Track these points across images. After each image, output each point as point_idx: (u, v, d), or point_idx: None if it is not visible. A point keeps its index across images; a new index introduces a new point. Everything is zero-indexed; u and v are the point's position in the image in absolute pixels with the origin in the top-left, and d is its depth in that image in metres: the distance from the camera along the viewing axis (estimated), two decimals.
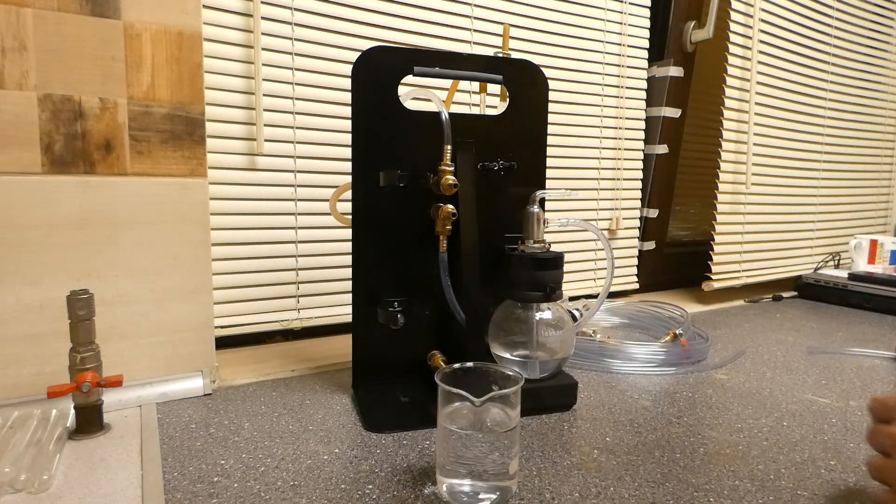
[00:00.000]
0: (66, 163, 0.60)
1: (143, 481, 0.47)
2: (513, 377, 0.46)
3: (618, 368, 0.78)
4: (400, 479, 0.48)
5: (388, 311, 0.65)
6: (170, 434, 0.56)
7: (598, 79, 1.16)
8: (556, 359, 0.65)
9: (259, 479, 0.48)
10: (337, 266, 0.91)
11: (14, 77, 0.57)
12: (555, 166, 1.12)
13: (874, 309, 1.19)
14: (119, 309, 0.64)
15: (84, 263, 0.62)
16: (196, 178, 0.67)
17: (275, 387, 0.70)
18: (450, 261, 0.63)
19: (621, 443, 0.56)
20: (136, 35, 0.62)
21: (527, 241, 0.65)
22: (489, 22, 1.00)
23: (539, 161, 0.72)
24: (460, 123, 0.63)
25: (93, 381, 0.54)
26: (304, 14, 0.85)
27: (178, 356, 0.68)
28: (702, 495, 0.47)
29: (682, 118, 1.27)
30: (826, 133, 1.47)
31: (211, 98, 0.79)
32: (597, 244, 1.19)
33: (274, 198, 0.86)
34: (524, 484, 0.48)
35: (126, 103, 0.63)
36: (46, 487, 0.45)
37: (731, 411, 0.65)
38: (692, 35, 1.21)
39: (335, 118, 0.89)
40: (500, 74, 0.68)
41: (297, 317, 0.89)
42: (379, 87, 0.64)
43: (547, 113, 0.72)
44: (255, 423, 0.59)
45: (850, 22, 1.46)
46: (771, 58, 1.28)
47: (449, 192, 0.61)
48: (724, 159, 1.22)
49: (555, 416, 0.62)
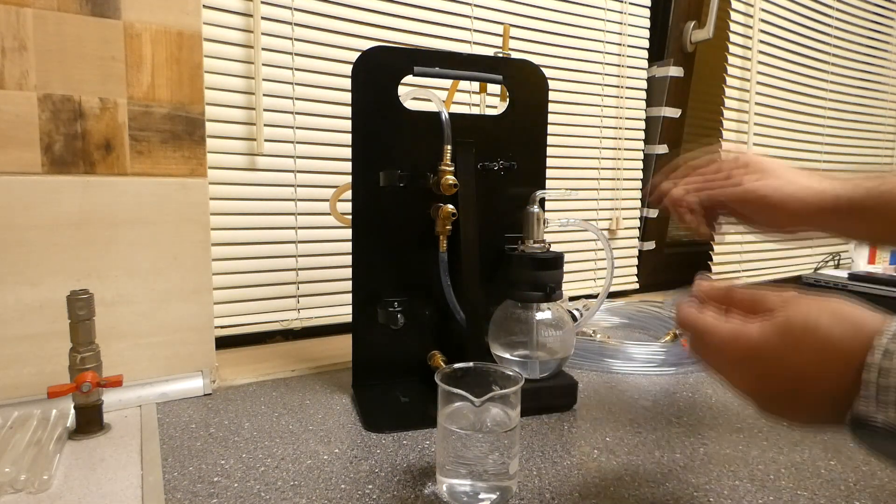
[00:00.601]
0: (66, 163, 0.60)
1: (143, 481, 0.47)
2: (513, 377, 0.46)
3: (618, 368, 0.78)
4: (400, 479, 0.48)
5: (388, 311, 0.65)
6: (170, 434, 0.56)
7: (598, 79, 1.16)
8: (556, 359, 0.65)
9: (259, 479, 0.48)
10: (337, 266, 0.91)
11: (14, 77, 0.57)
12: (555, 166, 1.12)
13: None
14: (119, 309, 0.64)
15: (84, 263, 0.62)
16: (196, 178, 0.67)
17: (275, 387, 0.70)
18: (450, 261, 0.63)
19: (621, 443, 0.56)
20: (136, 35, 0.62)
21: (527, 241, 0.65)
22: (489, 22, 1.00)
23: (539, 161, 0.72)
24: (460, 123, 0.63)
25: (93, 381, 0.54)
26: (304, 14, 0.85)
27: (178, 356, 0.68)
28: (702, 495, 0.47)
29: (682, 118, 1.27)
30: (826, 133, 1.47)
31: (211, 98, 0.79)
32: (597, 244, 1.19)
33: (274, 198, 0.86)
34: (524, 484, 0.48)
35: (126, 103, 0.63)
36: (46, 487, 0.45)
37: (731, 411, 0.65)
38: (692, 35, 1.21)
39: (335, 118, 0.89)
40: (500, 74, 0.68)
41: (297, 317, 0.89)
42: (379, 87, 0.64)
43: (547, 113, 0.72)
44: (255, 423, 0.59)
45: (850, 22, 1.46)
46: (771, 58, 1.28)
47: (449, 192, 0.61)
48: None
49: (555, 416, 0.62)
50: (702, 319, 0.38)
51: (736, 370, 0.37)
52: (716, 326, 0.37)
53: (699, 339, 0.38)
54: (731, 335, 0.36)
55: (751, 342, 0.35)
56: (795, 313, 0.34)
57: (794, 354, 0.33)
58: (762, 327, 0.35)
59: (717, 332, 0.36)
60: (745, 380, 0.36)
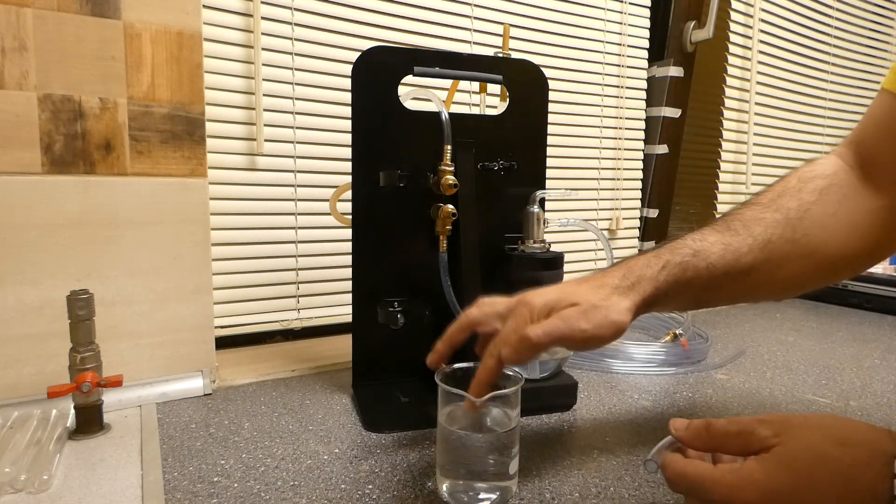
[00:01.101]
0: (66, 163, 0.60)
1: (143, 481, 0.47)
2: (513, 377, 0.46)
3: (618, 368, 0.78)
4: (400, 479, 0.48)
5: (388, 311, 0.65)
6: (170, 434, 0.56)
7: (598, 79, 1.16)
8: (556, 359, 0.64)
9: (259, 479, 0.48)
10: (337, 266, 0.91)
11: (14, 77, 0.57)
12: (555, 166, 1.12)
13: (874, 309, 1.19)
14: (119, 309, 0.64)
15: (84, 263, 0.62)
16: (196, 178, 0.67)
17: (275, 387, 0.70)
18: (450, 261, 0.63)
19: (621, 443, 0.56)
20: (136, 35, 0.62)
21: (527, 241, 0.65)
22: (489, 22, 1.00)
23: (539, 161, 0.72)
24: (460, 123, 0.63)
25: (93, 381, 0.54)
26: (304, 14, 0.85)
27: (178, 356, 0.68)
28: None
29: (682, 118, 1.27)
30: (826, 133, 1.47)
31: (211, 98, 0.79)
32: (597, 244, 1.19)
33: (274, 198, 0.86)
34: (524, 484, 0.48)
35: (126, 103, 0.63)
36: (46, 487, 0.45)
37: (731, 411, 0.65)
38: (692, 35, 1.21)
39: (335, 118, 0.89)
40: (500, 74, 0.68)
41: (297, 317, 0.89)
42: (379, 87, 0.64)
43: (547, 113, 0.72)
44: (255, 423, 0.59)
45: (850, 22, 1.46)
46: (771, 58, 1.28)
47: (449, 192, 0.61)
48: (724, 159, 1.22)
49: (555, 416, 0.62)
50: (695, 471, 0.34)
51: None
52: (714, 476, 0.33)
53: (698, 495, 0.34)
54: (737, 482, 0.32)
55: (759, 486, 0.31)
56: (796, 444, 0.31)
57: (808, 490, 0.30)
58: (765, 466, 0.31)
59: (718, 482, 0.32)
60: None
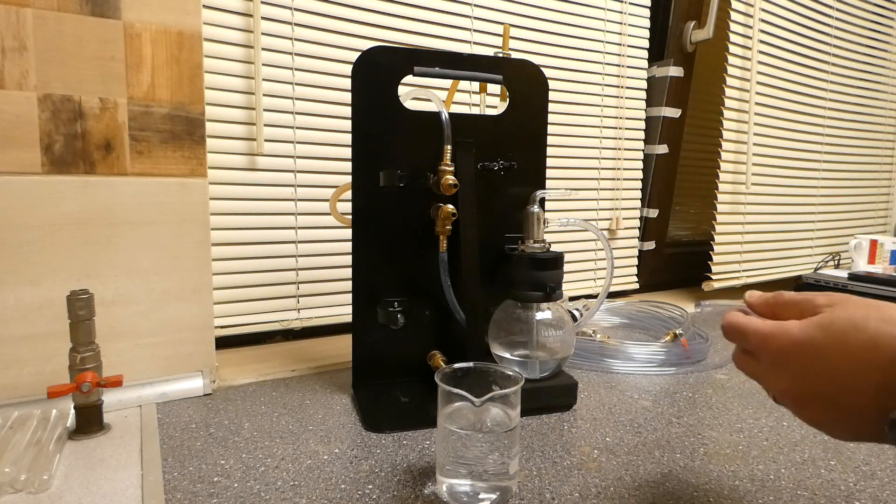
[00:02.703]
0: (66, 163, 0.60)
1: (143, 481, 0.47)
2: (513, 377, 0.46)
3: (618, 368, 0.78)
4: (400, 479, 0.48)
5: (388, 311, 0.65)
6: (170, 434, 0.56)
7: (598, 79, 1.16)
8: (556, 359, 0.65)
9: (259, 479, 0.48)
10: (337, 266, 0.91)
11: (14, 77, 0.57)
12: (555, 166, 1.12)
13: None
14: (119, 309, 0.64)
15: (84, 263, 0.62)
16: (196, 178, 0.67)
17: (275, 387, 0.70)
18: (450, 261, 0.63)
19: (621, 443, 0.56)
20: (136, 35, 0.62)
21: (527, 241, 0.65)
22: (489, 22, 1.00)
23: (539, 161, 0.72)
24: (460, 123, 0.63)
25: (93, 381, 0.54)
26: (304, 14, 0.85)
27: (178, 356, 0.68)
28: (702, 495, 0.47)
29: (682, 118, 1.27)
30: (826, 133, 1.47)
31: (211, 98, 0.79)
32: (597, 244, 1.19)
33: (274, 198, 0.86)
34: (524, 484, 0.48)
35: (126, 103, 0.63)
36: (46, 487, 0.45)
37: (731, 411, 0.65)
38: (692, 35, 1.21)
39: (335, 118, 0.89)
40: (500, 74, 0.68)
41: (297, 317, 0.89)
42: (379, 87, 0.64)
43: (547, 113, 0.72)
44: (255, 423, 0.59)
45: (850, 22, 1.46)
46: (771, 58, 1.28)
47: (449, 192, 0.61)
48: (724, 159, 1.22)
49: (555, 416, 0.62)
50: (743, 320, 0.37)
51: (773, 367, 0.35)
52: (755, 325, 0.36)
53: (740, 341, 0.38)
54: (771, 331, 0.35)
55: (790, 336, 0.34)
56: (842, 312, 0.33)
57: (837, 352, 0.32)
58: (804, 325, 0.34)
59: (759, 330, 0.36)
60: (782, 378, 0.35)
